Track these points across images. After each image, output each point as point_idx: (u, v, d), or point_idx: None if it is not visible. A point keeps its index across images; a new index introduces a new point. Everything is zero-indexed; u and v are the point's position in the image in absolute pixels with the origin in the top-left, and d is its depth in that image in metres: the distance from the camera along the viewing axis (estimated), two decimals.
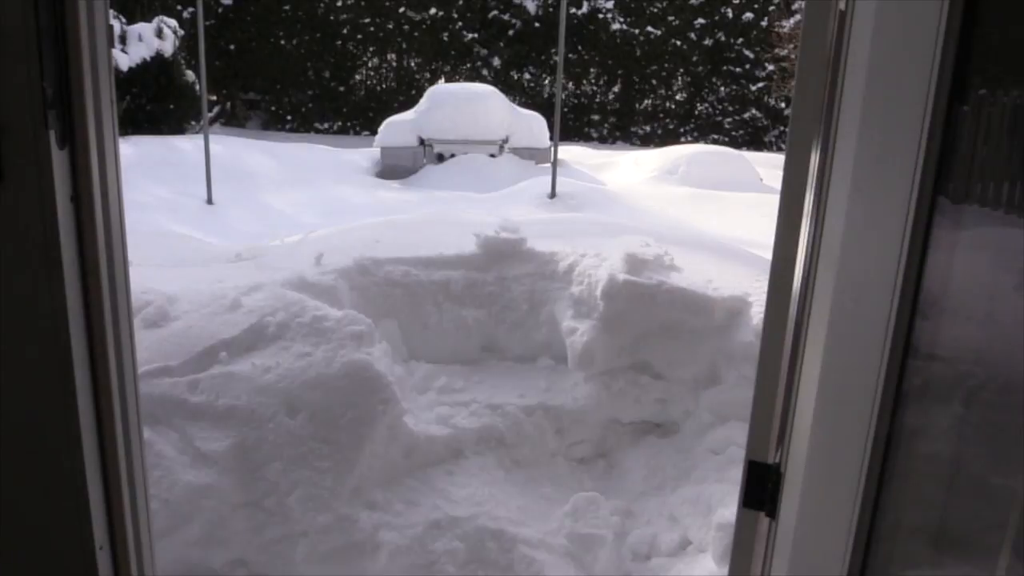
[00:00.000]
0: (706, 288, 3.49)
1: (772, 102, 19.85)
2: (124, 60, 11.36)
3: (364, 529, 2.44)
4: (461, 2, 19.41)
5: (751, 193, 10.19)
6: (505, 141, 12.79)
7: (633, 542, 2.81)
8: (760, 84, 19.82)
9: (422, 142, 12.60)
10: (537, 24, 19.43)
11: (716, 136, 19.75)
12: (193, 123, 12.86)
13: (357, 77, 20.30)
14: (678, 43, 19.79)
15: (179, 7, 14.01)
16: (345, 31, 19.51)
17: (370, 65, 20.30)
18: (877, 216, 0.98)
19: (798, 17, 17.21)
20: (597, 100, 20.49)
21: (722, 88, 20.25)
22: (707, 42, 19.76)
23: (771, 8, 18.92)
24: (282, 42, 19.44)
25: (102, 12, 1.28)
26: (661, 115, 20.41)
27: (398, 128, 12.68)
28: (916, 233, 0.94)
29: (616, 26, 19.69)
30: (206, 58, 9.21)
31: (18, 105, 1.17)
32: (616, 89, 20.45)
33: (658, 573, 2.69)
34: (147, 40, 11.78)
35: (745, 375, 3.15)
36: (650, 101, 20.49)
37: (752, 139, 19.96)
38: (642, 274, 3.59)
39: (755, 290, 3.49)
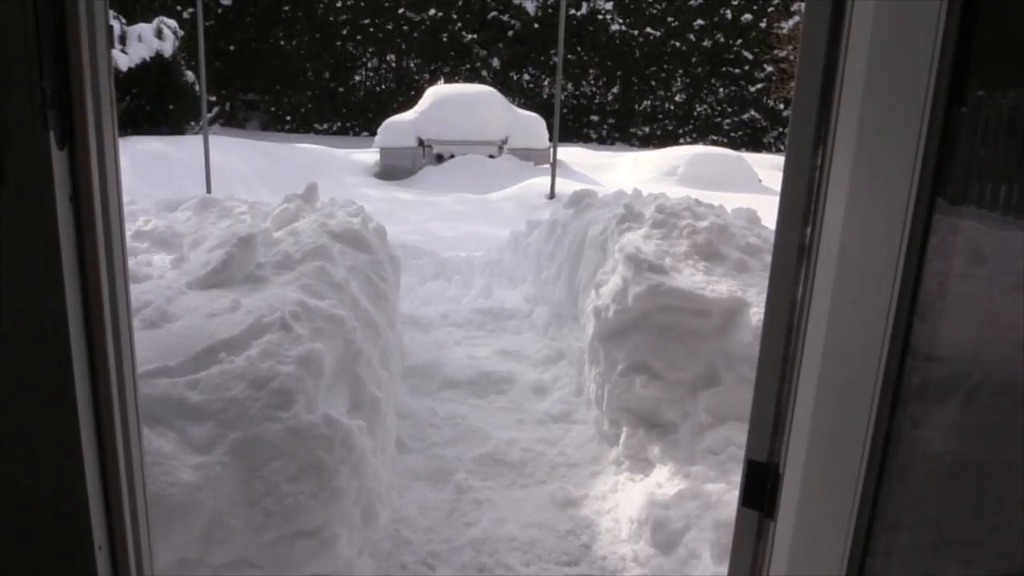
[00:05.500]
0: (704, 289, 3.50)
1: (771, 103, 19.87)
2: (124, 60, 11.35)
3: None
4: (460, 3, 19.41)
5: (750, 194, 10.20)
6: (504, 142, 12.80)
7: (633, 541, 2.82)
8: (759, 85, 19.83)
9: (421, 143, 12.61)
10: (536, 25, 19.43)
11: (715, 137, 19.76)
12: (193, 123, 12.85)
13: (356, 78, 20.30)
14: (677, 44, 19.80)
15: (179, 7, 14.00)
16: (345, 32, 19.51)
17: (369, 66, 20.30)
18: (876, 217, 0.98)
19: (797, 18, 17.24)
20: (596, 101, 20.49)
21: (721, 89, 20.26)
22: (706, 43, 19.77)
23: (770, 9, 18.94)
24: (282, 42, 19.44)
25: (102, 12, 1.28)
26: (660, 116, 20.42)
27: (397, 129, 12.69)
28: (914, 234, 0.95)
29: (615, 27, 19.69)
30: (206, 58, 9.21)
31: (18, 105, 1.17)
32: (615, 90, 20.46)
33: (657, 573, 2.69)
34: (147, 40, 11.77)
35: (744, 376, 3.16)
36: (649, 102, 20.50)
37: (751, 140, 19.97)
38: (641, 275, 3.60)
39: (753, 290, 3.50)
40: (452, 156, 12.54)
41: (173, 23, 12.36)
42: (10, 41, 1.15)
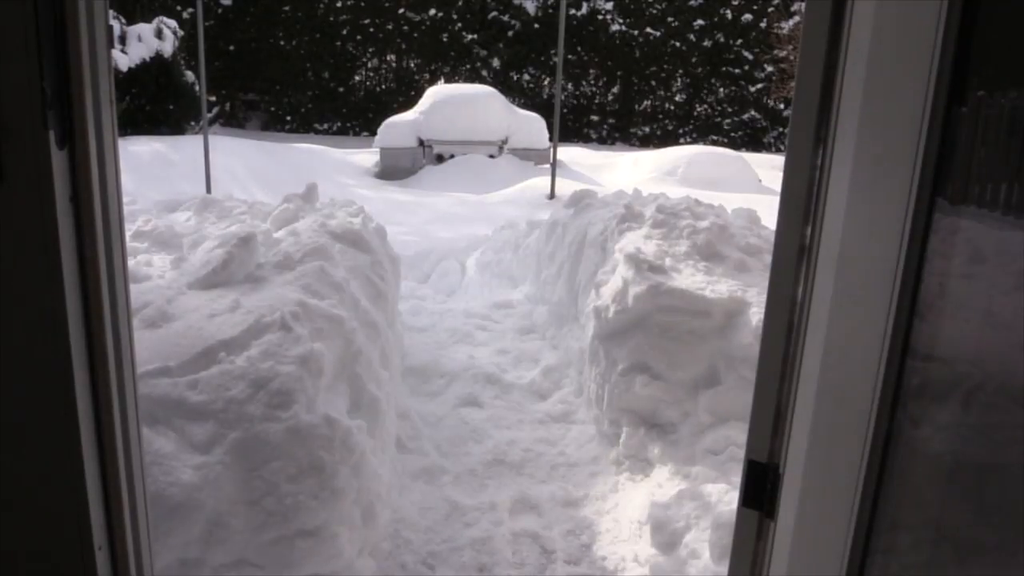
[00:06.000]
0: (704, 289, 3.50)
1: (771, 103, 19.87)
2: (124, 60, 11.35)
3: None
4: (461, 3, 19.41)
5: (750, 194, 10.20)
6: (504, 142, 12.81)
7: (632, 540, 2.82)
8: (759, 85, 19.83)
9: (421, 143, 12.62)
10: (536, 25, 19.43)
11: (715, 137, 19.76)
12: (193, 123, 12.85)
13: (356, 78, 20.30)
14: (677, 44, 19.80)
15: (179, 7, 14.00)
16: (345, 32, 19.51)
17: (369, 66, 20.30)
18: (876, 217, 0.98)
19: (797, 18, 17.25)
20: (596, 101, 20.49)
21: (721, 89, 20.26)
22: (706, 43, 19.77)
23: (770, 9, 18.94)
24: (282, 42, 19.44)
25: (102, 12, 1.28)
26: (660, 116, 20.42)
27: (397, 129, 12.70)
28: (915, 234, 0.95)
29: (615, 27, 19.69)
30: (206, 58, 9.20)
31: (18, 105, 1.17)
32: (615, 90, 20.45)
33: (657, 573, 2.69)
34: (147, 40, 11.76)
35: (744, 376, 3.16)
36: (649, 102, 20.50)
37: (751, 140, 19.97)
38: (641, 275, 3.60)
39: (753, 290, 3.50)
40: (452, 156, 12.54)
41: (173, 23, 12.36)
42: (10, 41, 1.15)
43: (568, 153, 13.80)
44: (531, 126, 13.17)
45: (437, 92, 13.48)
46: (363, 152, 13.46)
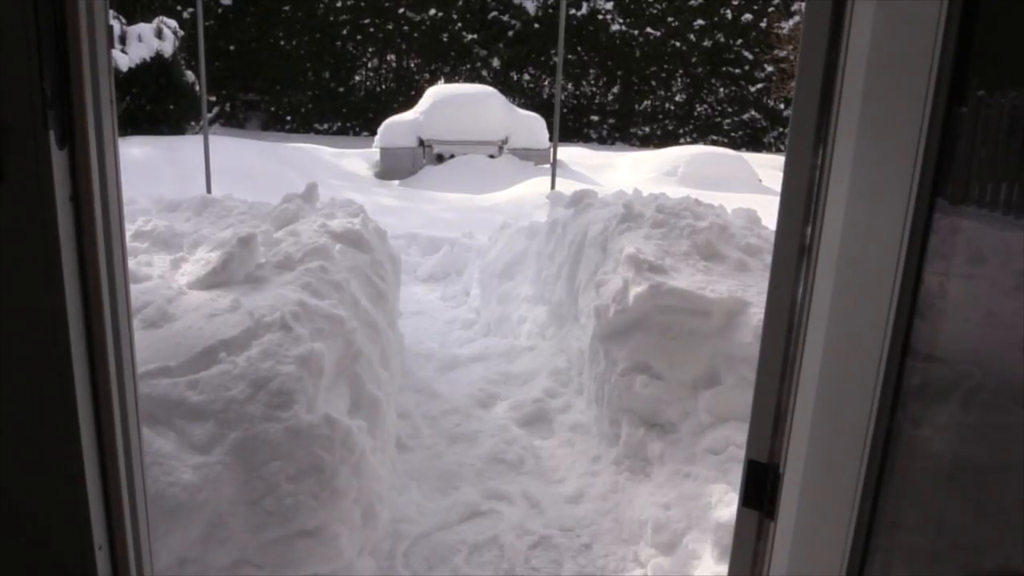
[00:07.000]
0: (704, 289, 3.50)
1: (771, 103, 19.87)
2: (124, 60, 11.35)
3: None
4: (461, 3, 19.42)
5: (750, 194, 10.20)
6: (504, 142, 12.81)
7: (632, 539, 2.81)
8: (759, 85, 19.84)
9: (421, 143, 12.62)
10: (536, 25, 19.43)
11: (715, 137, 19.76)
12: (193, 123, 12.85)
13: (357, 78, 20.30)
14: (677, 44, 19.80)
15: (179, 7, 14.00)
16: (345, 32, 19.51)
17: (370, 66, 20.30)
18: (876, 217, 0.98)
19: (797, 18, 17.25)
20: (596, 101, 20.49)
21: (721, 89, 20.26)
22: (706, 43, 19.77)
23: (770, 9, 18.95)
24: (282, 42, 19.44)
25: (102, 12, 1.28)
26: (660, 116, 20.42)
27: (398, 129, 12.70)
28: (915, 234, 0.95)
29: (615, 27, 19.70)
30: (206, 58, 9.19)
31: (18, 105, 1.17)
32: (615, 90, 20.45)
33: (658, 573, 2.69)
34: (147, 40, 11.77)
35: (744, 376, 3.16)
36: (649, 102, 20.50)
37: (751, 140, 19.98)
38: (641, 275, 3.60)
39: (753, 290, 3.50)
40: (452, 156, 12.55)
41: (173, 23, 12.36)
42: (10, 41, 1.15)
43: (568, 153, 13.80)
44: (531, 126, 13.18)
45: (437, 92, 13.48)
46: (357, 153, 13.38)
